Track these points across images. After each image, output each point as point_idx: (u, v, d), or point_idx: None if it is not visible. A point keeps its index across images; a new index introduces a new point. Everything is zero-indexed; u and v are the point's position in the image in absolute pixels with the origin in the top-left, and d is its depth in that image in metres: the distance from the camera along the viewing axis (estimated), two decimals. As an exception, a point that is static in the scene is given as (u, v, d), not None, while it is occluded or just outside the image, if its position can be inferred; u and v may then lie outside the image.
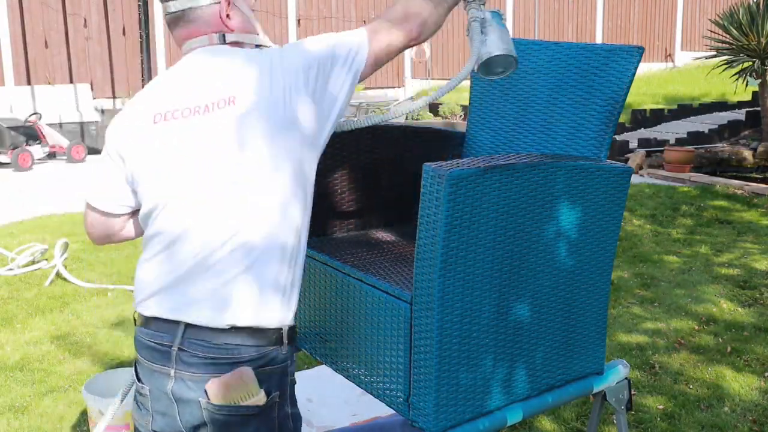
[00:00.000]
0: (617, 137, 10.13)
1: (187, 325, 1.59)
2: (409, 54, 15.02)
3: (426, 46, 14.88)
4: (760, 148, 9.72)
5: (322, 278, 1.98)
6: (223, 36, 1.68)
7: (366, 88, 14.39)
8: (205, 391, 1.56)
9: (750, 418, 3.31)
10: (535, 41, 2.16)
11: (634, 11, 17.29)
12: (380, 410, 1.93)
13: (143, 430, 1.69)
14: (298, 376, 3.58)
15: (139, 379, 1.69)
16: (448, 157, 2.31)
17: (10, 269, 5.34)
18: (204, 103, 1.60)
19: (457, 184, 1.55)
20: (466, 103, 11.09)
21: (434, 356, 1.64)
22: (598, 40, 16.53)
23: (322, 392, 3.44)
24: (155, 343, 1.63)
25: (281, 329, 1.61)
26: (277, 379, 1.61)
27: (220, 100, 1.59)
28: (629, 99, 10.12)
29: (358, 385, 1.91)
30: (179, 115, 1.61)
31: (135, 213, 1.75)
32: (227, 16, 1.68)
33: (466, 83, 2.09)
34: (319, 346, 2.04)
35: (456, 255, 1.60)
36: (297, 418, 1.69)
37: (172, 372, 1.60)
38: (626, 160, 9.11)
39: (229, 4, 1.69)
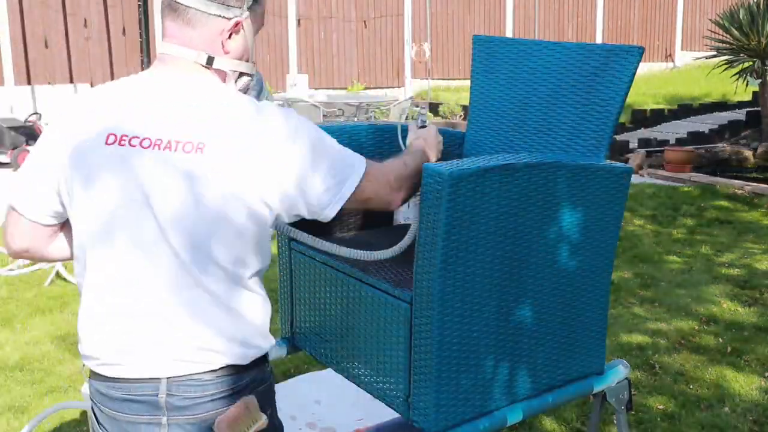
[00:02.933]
0: (617, 137, 10.13)
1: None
2: (409, 54, 15.02)
3: (426, 46, 14.88)
4: (761, 148, 9.72)
5: (322, 278, 1.98)
6: (212, 59, 1.51)
7: (366, 88, 14.40)
8: (212, 429, 1.50)
9: (750, 418, 3.31)
10: (535, 41, 2.16)
11: (634, 11, 17.29)
12: (388, 414, 1.93)
13: None
14: (309, 377, 3.63)
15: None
16: (448, 157, 2.31)
17: (11, 269, 5.34)
18: (168, 139, 1.44)
19: (457, 184, 1.55)
20: (466, 103, 11.02)
21: (434, 356, 1.64)
22: (598, 40, 16.53)
23: (331, 394, 3.44)
24: (131, 395, 1.51)
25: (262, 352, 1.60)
26: (268, 396, 1.62)
27: (187, 143, 1.43)
28: (629, 99, 10.11)
29: (359, 385, 1.90)
30: (137, 143, 1.45)
31: (65, 225, 1.59)
32: (229, 36, 1.52)
33: (467, 83, 2.10)
34: (320, 346, 2.04)
35: (456, 255, 1.60)
36: (281, 428, 1.69)
37: (164, 420, 1.50)
38: (626, 160, 9.10)
39: (236, 25, 1.52)
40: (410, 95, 13.92)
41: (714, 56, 10.71)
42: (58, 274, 5.17)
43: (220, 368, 1.51)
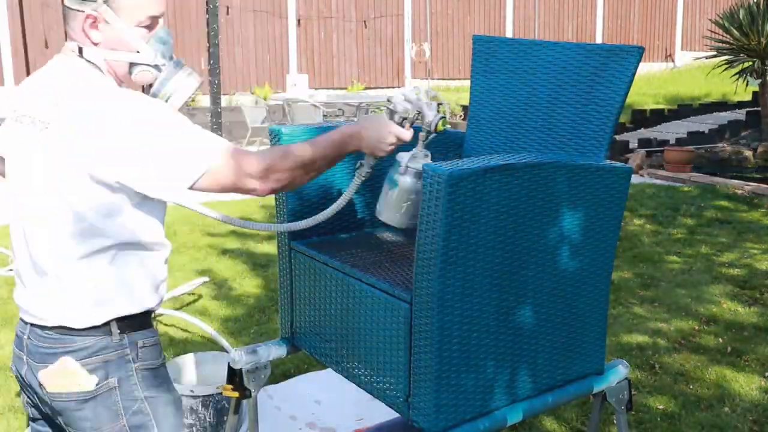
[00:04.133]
0: (617, 137, 10.13)
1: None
2: (409, 54, 15.02)
3: (426, 46, 14.88)
4: (761, 148, 9.72)
5: (322, 278, 1.98)
6: (81, 49, 1.69)
7: (366, 88, 14.40)
8: (39, 382, 1.72)
9: (750, 418, 3.31)
10: (535, 41, 2.16)
11: (634, 11, 17.29)
12: (388, 414, 1.93)
13: (24, 406, 1.88)
14: (309, 377, 3.63)
15: (12, 364, 1.85)
16: (448, 157, 2.31)
17: (11, 269, 5.34)
18: (33, 116, 1.67)
19: (457, 184, 1.55)
20: (466, 103, 11.04)
21: (434, 356, 1.64)
22: (598, 40, 16.53)
23: (331, 394, 3.44)
24: (18, 329, 1.82)
25: (108, 322, 1.70)
26: (115, 366, 1.71)
27: (40, 121, 1.65)
28: (629, 99, 10.12)
29: (358, 385, 1.90)
30: (23, 119, 1.70)
31: None
32: (91, 27, 1.67)
33: (467, 83, 2.10)
34: (320, 346, 2.04)
35: (456, 255, 1.60)
36: (162, 403, 1.77)
37: (25, 358, 1.76)
38: (626, 160, 9.11)
39: (94, 20, 1.66)
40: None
41: (714, 56, 10.71)
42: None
43: (53, 327, 1.70)
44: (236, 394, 2.12)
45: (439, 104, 2.05)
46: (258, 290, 4.93)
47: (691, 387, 3.59)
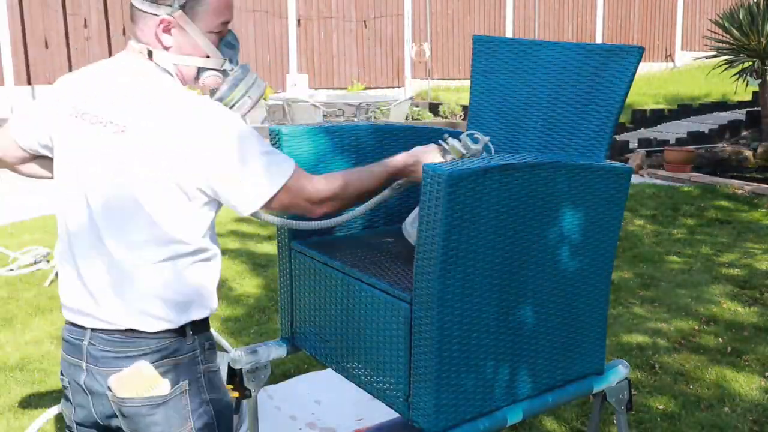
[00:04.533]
0: (617, 137, 10.13)
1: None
2: (409, 54, 15.02)
3: (426, 46, 14.88)
4: (761, 148, 9.71)
5: (322, 278, 1.98)
6: (151, 53, 1.68)
7: (366, 88, 14.39)
8: (109, 386, 1.67)
9: (750, 418, 3.31)
10: (535, 41, 2.16)
11: (634, 11, 17.29)
12: (388, 414, 1.93)
13: (68, 422, 1.82)
14: (309, 377, 3.63)
15: (61, 372, 1.80)
16: (448, 157, 2.30)
17: (11, 269, 5.34)
18: (105, 117, 1.65)
19: (456, 184, 1.55)
20: (466, 103, 11.01)
21: (434, 356, 1.64)
22: (598, 40, 16.53)
23: (331, 394, 3.44)
24: (71, 336, 1.75)
25: (184, 324, 1.69)
26: (185, 368, 1.70)
27: (114, 124, 1.63)
28: (629, 99, 10.12)
29: (358, 385, 1.90)
30: (91, 119, 1.67)
31: (37, 159, 1.86)
32: (164, 31, 1.67)
33: (467, 83, 2.10)
34: (320, 346, 2.04)
35: (456, 255, 1.60)
36: (222, 405, 1.77)
37: (84, 365, 1.71)
38: (626, 160, 9.10)
39: (168, 24, 1.66)
40: (410, 95, 13.93)
41: (714, 56, 10.71)
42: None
43: (125, 330, 1.66)
44: (236, 394, 2.12)
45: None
46: (258, 290, 4.93)
47: (691, 387, 3.59)
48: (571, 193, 1.78)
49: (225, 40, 1.75)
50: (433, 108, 13.02)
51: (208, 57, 1.72)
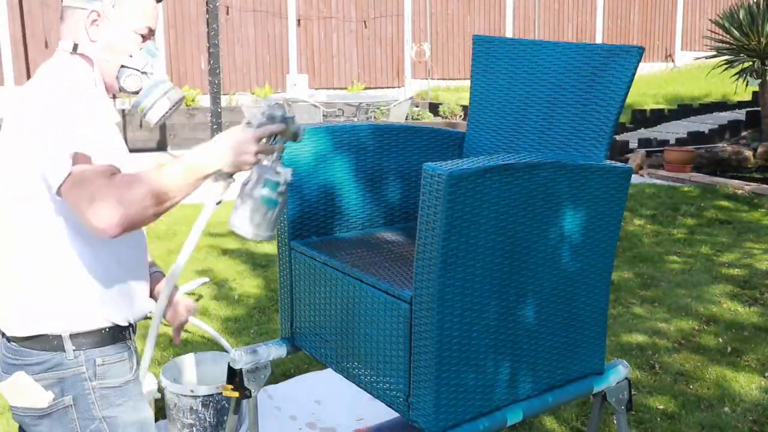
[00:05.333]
0: (617, 137, 10.13)
1: None
2: (409, 54, 15.02)
3: (426, 46, 14.88)
4: (761, 148, 9.71)
5: (322, 278, 1.98)
6: (76, 46, 1.71)
7: (366, 88, 14.39)
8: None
9: (750, 418, 3.31)
10: (535, 41, 2.16)
11: (634, 11, 17.28)
12: (388, 414, 1.93)
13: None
14: (309, 377, 3.63)
15: None
16: (448, 157, 2.31)
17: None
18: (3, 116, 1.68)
19: (457, 184, 1.55)
20: (466, 103, 11.01)
21: (434, 356, 1.64)
22: (598, 40, 16.53)
23: (331, 394, 3.44)
24: None
25: (60, 336, 1.65)
26: (70, 383, 1.66)
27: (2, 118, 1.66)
28: (629, 99, 10.13)
29: (358, 385, 1.90)
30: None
31: None
32: (92, 23, 1.71)
33: (467, 83, 2.10)
34: (320, 346, 2.04)
35: (456, 255, 1.60)
36: (121, 423, 1.70)
37: None
38: (626, 160, 9.10)
39: (98, 16, 1.70)
40: (410, 95, 13.92)
41: (714, 56, 10.71)
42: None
43: (10, 337, 1.68)
44: (236, 394, 2.12)
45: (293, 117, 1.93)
46: (258, 290, 4.93)
47: (691, 387, 3.59)
48: (571, 193, 1.78)
49: (147, 47, 1.78)
50: (433, 108, 13.02)
51: (131, 57, 1.75)
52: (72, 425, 1.67)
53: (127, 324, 1.74)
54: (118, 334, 1.73)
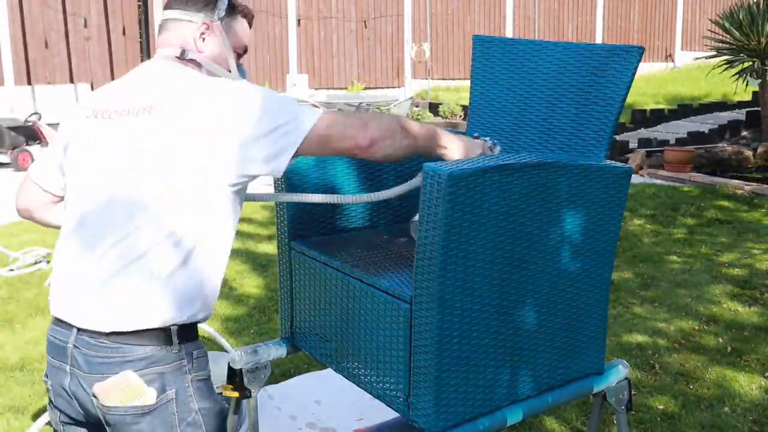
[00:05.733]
0: (617, 137, 10.13)
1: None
2: (409, 54, 15.02)
3: (426, 46, 14.89)
4: (761, 148, 9.71)
5: (322, 278, 1.98)
6: (184, 52, 1.76)
7: (366, 88, 14.40)
8: (94, 393, 1.63)
9: (750, 418, 3.31)
10: (535, 41, 2.16)
11: (634, 11, 17.29)
12: (388, 414, 1.93)
13: (54, 426, 1.80)
14: (309, 377, 3.63)
15: (45, 375, 1.76)
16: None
17: (11, 269, 5.34)
18: (128, 107, 1.68)
19: (457, 184, 1.55)
20: (466, 103, 11.01)
21: (434, 356, 1.64)
22: (598, 40, 16.53)
23: (331, 394, 3.44)
24: (54, 337, 1.71)
25: (168, 329, 1.65)
26: (172, 377, 1.67)
27: (140, 108, 1.66)
28: (629, 99, 10.13)
29: (358, 385, 1.90)
30: (111, 114, 1.69)
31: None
32: (202, 35, 1.78)
33: (467, 83, 2.10)
34: (320, 346, 2.04)
35: (456, 255, 1.60)
36: (212, 414, 1.74)
37: (68, 368, 1.67)
38: (626, 160, 9.10)
39: (208, 27, 1.78)
40: (410, 95, 13.93)
41: (714, 56, 10.71)
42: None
43: (109, 333, 1.62)
44: (236, 394, 2.12)
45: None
46: (258, 290, 4.93)
47: (691, 387, 3.59)
48: (571, 193, 1.78)
49: (240, 67, 1.88)
50: (433, 108, 13.02)
51: (230, 71, 1.82)
52: (172, 419, 1.67)
53: (209, 316, 1.78)
54: (198, 329, 1.77)
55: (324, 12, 14.43)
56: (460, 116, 12.44)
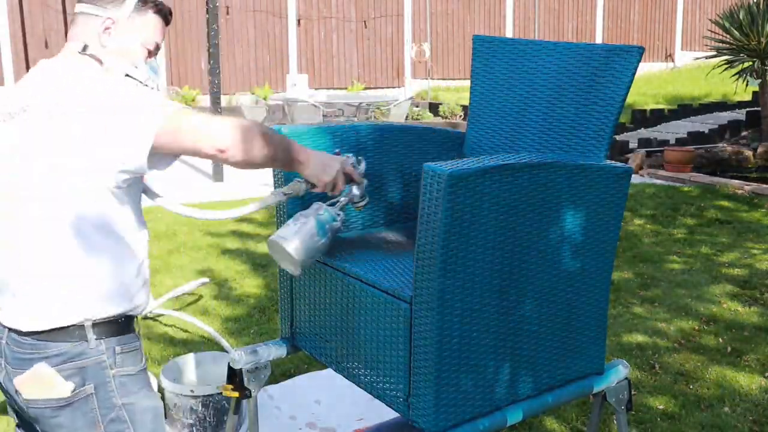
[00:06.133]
0: (617, 137, 10.13)
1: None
2: (409, 54, 15.02)
3: (426, 46, 14.88)
4: (761, 148, 9.71)
5: (322, 278, 1.98)
6: (86, 47, 1.76)
7: (366, 88, 14.40)
8: (16, 389, 1.69)
9: (750, 418, 3.31)
10: (535, 41, 2.16)
11: (634, 11, 17.29)
12: (388, 414, 1.93)
13: (12, 415, 1.86)
14: (309, 377, 3.63)
15: None
16: (448, 157, 2.31)
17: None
18: (11, 109, 1.69)
19: (457, 184, 1.55)
20: (466, 103, 11.00)
21: (434, 356, 1.64)
22: (598, 40, 16.53)
23: (331, 394, 3.44)
24: None
25: (83, 325, 1.67)
26: (92, 372, 1.68)
27: (19, 108, 1.67)
28: (629, 99, 10.13)
29: (358, 385, 1.90)
30: (4, 117, 1.70)
31: None
32: (105, 30, 1.76)
33: (467, 83, 2.10)
34: (320, 346, 2.04)
35: (456, 255, 1.60)
36: (140, 410, 1.74)
37: (2, 363, 1.72)
38: (626, 160, 9.10)
39: (112, 23, 1.77)
40: (410, 95, 13.92)
41: (714, 56, 10.71)
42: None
43: (27, 332, 1.66)
44: (236, 394, 2.12)
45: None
46: (258, 290, 4.93)
47: (691, 387, 3.59)
48: (571, 193, 1.78)
49: (151, 63, 1.86)
50: (433, 108, 13.02)
51: (136, 68, 1.81)
52: (92, 414, 1.69)
53: (138, 314, 1.79)
54: (131, 324, 1.77)
55: (324, 12, 14.43)
56: (460, 116, 12.44)
